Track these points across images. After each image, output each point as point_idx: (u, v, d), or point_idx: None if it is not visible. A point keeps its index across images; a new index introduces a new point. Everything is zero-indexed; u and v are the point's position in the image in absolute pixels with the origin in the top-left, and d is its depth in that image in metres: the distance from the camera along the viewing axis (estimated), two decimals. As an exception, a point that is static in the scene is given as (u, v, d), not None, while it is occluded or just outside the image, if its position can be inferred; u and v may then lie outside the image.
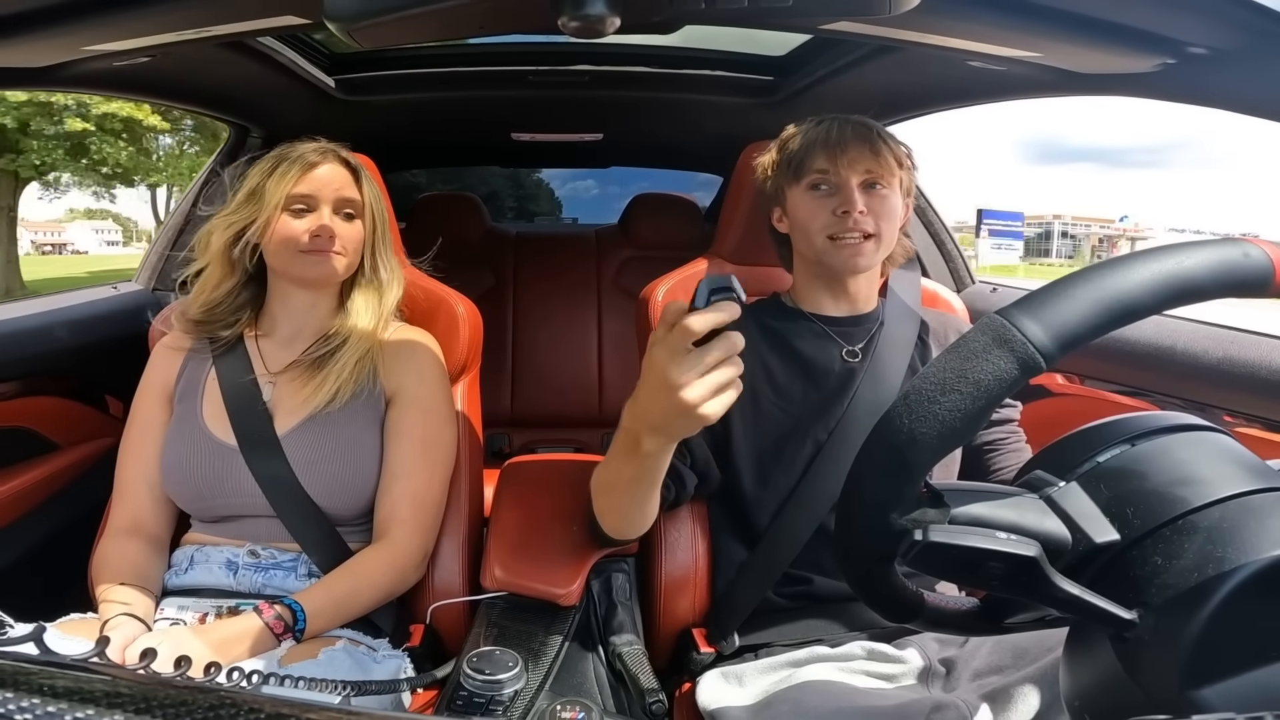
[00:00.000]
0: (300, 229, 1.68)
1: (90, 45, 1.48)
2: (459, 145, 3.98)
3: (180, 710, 0.59)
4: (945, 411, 0.72)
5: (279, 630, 1.48)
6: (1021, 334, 0.71)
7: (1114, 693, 0.73)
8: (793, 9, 0.86)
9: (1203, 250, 0.74)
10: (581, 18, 0.83)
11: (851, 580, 0.87)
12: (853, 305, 1.75)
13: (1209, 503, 0.72)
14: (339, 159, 1.75)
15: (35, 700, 0.59)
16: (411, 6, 0.84)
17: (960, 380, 0.72)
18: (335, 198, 1.71)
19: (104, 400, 2.51)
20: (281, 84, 2.58)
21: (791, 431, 1.66)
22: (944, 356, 0.75)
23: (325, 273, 1.71)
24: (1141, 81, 1.40)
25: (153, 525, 1.73)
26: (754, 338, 1.62)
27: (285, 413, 1.72)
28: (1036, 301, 0.73)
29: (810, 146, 1.64)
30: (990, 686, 1.26)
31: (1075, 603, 0.73)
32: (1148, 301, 0.72)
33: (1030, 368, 0.71)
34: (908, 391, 0.75)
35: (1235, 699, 0.65)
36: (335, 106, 2.90)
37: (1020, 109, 18.61)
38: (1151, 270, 0.72)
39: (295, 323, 1.79)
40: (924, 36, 1.38)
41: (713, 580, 1.77)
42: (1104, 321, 0.72)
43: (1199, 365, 1.82)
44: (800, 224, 1.68)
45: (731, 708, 1.47)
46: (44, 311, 2.39)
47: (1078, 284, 0.73)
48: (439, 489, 1.77)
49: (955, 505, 0.75)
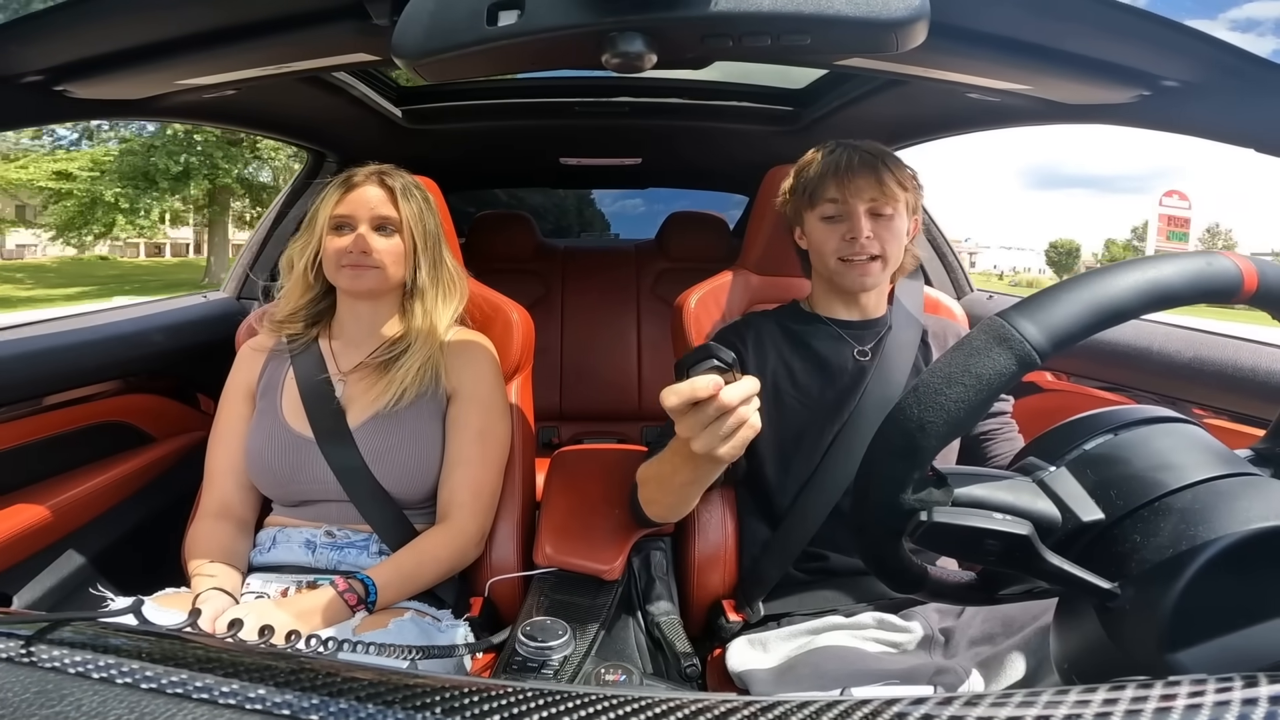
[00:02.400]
0: (340, 245, 1.69)
1: (182, 80, 1.49)
2: (513, 169, 3.99)
3: (264, 674, 0.59)
4: (951, 402, 0.75)
5: (353, 602, 1.49)
6: (1019, 334, 0.74)
7: (1098, 656, 0.76)
8: (811, 47, 0.86)
9: (1180, 261, 0.76)
10: (622, 55, 0.84)
11: (864, 554, 0.89)
12: (863, 311, 1.79)
13: (1183, 486, 0.75)
14: (378, 179, 1.75)
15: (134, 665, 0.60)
16: (470, 45, 0.85)
17: (964, 374, 0.75)
18: (371, 215, 1.71)
19: (195, 397, 2.54)
20: (354, 114, 2.60)
21: (809, 423, 1.70)
22: (950, 354, 0.77)
23: (365, 284, 1.72)
24: (1121, 111, 1.42)
25: (239, 509, 1.75)
26: (776, 339, 1.72)
27: (356, 408, 1.73)
28: (1033, 305, 0.76)
29: (822, 177, 1.67)
30: (984, 654, 1.30)
31: (1063, 576, 0.75)
32: (1131, 306, 0.75)
33: (1027, 364, 0.74)
34: (917, 384, 0.77)
35: (1208, 662, 0.68)
36: (402, 134, 2.91)
37: (1023, 139, 18.40)
38: (1134, 278, 0.75)
39: (361, 328, 1.80)
40: (928, 71, 1.39)
41: (740, 557, 1.80)
42: (1092, 323, 0.74)
43: (1173, 364, 1.87)
44: (815, 246, 1.72)
45: (757, 670, 1.50)
46: (142, 317, 2.42)
47: (1070, 289, 0.76)
48: (495, 476, 1.78)
49: (957, 486, 0.78)
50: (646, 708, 0.53)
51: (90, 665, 0.60)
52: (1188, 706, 0.49)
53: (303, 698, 0.55)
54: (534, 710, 0.53)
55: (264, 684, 0.57)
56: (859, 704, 0.52)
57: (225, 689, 0.56)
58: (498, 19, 0.83)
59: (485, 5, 0.83)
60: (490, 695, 0.55)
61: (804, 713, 0.51)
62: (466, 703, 0.54)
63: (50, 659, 0.61)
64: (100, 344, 2.20)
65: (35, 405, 1.95)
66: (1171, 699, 0.50)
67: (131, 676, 0.58)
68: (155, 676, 0.58)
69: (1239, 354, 1.74)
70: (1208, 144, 1.38)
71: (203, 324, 2.66)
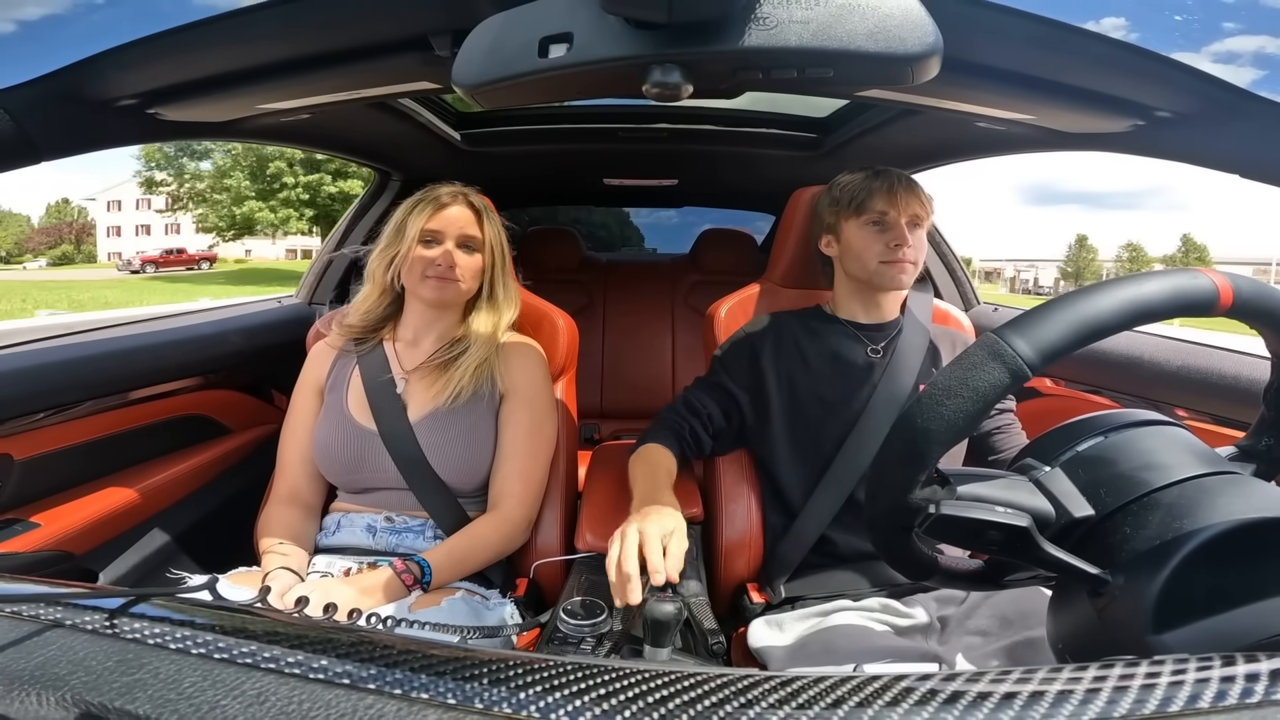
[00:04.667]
0: (429, 257, 1.70)
1: (263, 104, 1.51)
2: (560, 188, 4.00)
3: (327, 647, 0.59)
4: (951, 412, 0.77)
5: (409, 582, 1.50)
6: (1012, 349, 0.76)
7: (1090, 637, 0.78)
8: (833, 79, 0.87)
9: (1160, 279, 0.78)
10: (661, 85, 0.84)
11: (877, 546, 0.91)
12: (880, 314, 1.83)
13: (1169, 483, 0.78)
14: (466, 201, 1.76)
15: (209, 637, 0.60)
16: (523, 76, 0.86)
17: (963, 387, 0.77)
18: (459, 234, 1.72)
19: (269, 393, 2.56)
20: (417, 137, 2.61)
21: (825, 415, 1.74)
22: (950, 367, 0.80)
23: (447, 296, 1.73)
24: (1117, 140, 1.42)
25: (307, 495, 1.77)
26: (797, 334, 1.77)
27: (416, 404, 1.73)
28: (1024, 322, 0.77)
29: (873, 190, 1.72)
30: (973, 649, 1.35)
31: (1059, 564, 0.78)
32: (1114, 322, 0.76)
33: (1019, 377, 0.76)
34: (921, 396, 0.80)
35: (1191, 643, 0.70)
36: (460, 156, 2.92)
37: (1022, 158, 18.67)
38: (1117, 296, 0.76)
39: (426, 332, 1.81)
40: (940, 101, 1.41)
41: (764, 543, 1.82)
42: (1079, 339, 0.76)
43: (1162, 371, 1.89)
44: (854, 251, 1.75)
45: (774, 647, 1.55)
46: (220, 320, 2.46)
47: (1058, 308, 0.77)
48: (541, 468, 1.78)
49: (960, 486, 0.81)
50: (676, 680, 0.53)
51: (168, 637, 0.60)
52: (1170, 684, 0.51)
53: (361, 668, 0.56)
54: (573, 682, 0.54)
55: (326, 655, 0.57)
56: (870, 679, 0.53)
57: (291, 659, 0.57)
58: (549, 52, 0.84)
59: (537, 39, 0.84)
60: (534, 668, 0.55)
61: (819, 687, 0.52)
62: (511, 674, 0.54)
63: (131, 631, 0.62)
64: (183, 344, 2.24)
65: (123, 399, 1.98)
66: (1156, 677, 0.52)
67: (205, 648, 0.58)
68: (227, 648, 0.58)
69: (1222, 362, 1.76)
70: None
71: (276, 326, 2.69)
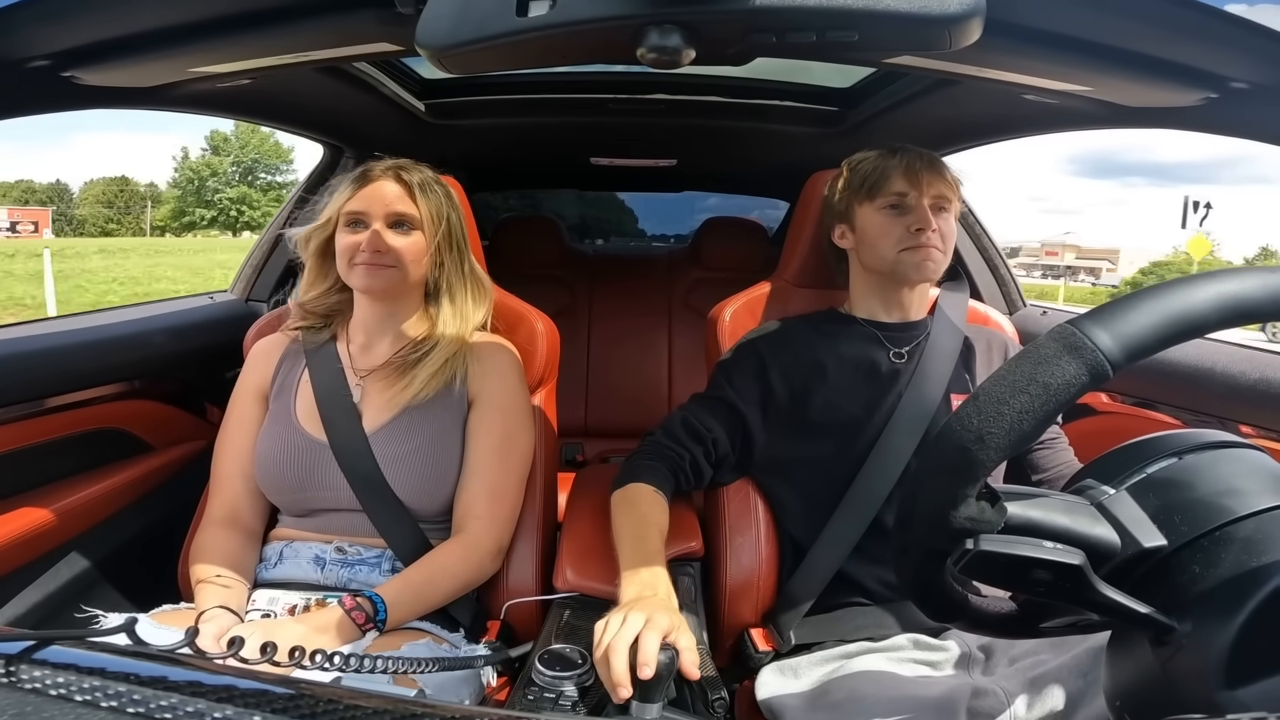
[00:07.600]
0: (354, 241, 1.69)
1: (195, 68, 1.50)
2: (541, 168, 4.00)
3: (260, 700, 0.58)
4: (1014, 413, 0.73)
5: (361, 621, 1.48)
6: (1092, 342, 0.72)
7: (1152, 693, 0.76)
8: (858, 44, 0.85)
9: (1262, 274, 0.74)
10: (659, 50, 0.83)
11: (903, 577, 0.90)
12: (904, 313, 1.83)
13: (1246, 514, 0.75)
14: (394, 175, 1.74)
15: (122, 688, 0.59)
16: (499, 37, 0.85)
17: (1030, 383, 0.73)
18: (386, 212, 1.70)
19: (198, 404, 2.53)
20: (374, 107, 2.60)
21: (843, 431, 1.72)
22: (1014, 361, 0.76)
23: (379, 284, 1.71)
24: (1186, 115, 1.40)
25: (247, 517, 1.75)
26: (809, 340, 1.76)
27: (373, 411, 1.73)
28: (1107, 313, 0.74)
29: (888, 170, 1.71)
30: (1027, 673, 1.31)
31: (1116, 608, 0.75)
32: (1210, 319, 0.73)
33: (1099, 375, 0.72)
34: (977, 393, 0.77)
35: (1268, 699, 0.67)
36: (425, 129, 2.92)
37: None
38: (1215, 290, 0.73)
39: (380, 329, 1.80)
40: (982, 71, 1.38)
41: (776, 582, 1.80)
42: (1170, 335, 0.72)
43: (1237, 386, 1.83)
44: (870, 239, 1.74)
45: (788, 696, 1.54)
46: (142, 318, 2.44)
47: (1147, 299, 0.74)
48: (515, 486, 1.77)
49: (1011, 506, 0.77)
50: None
51: (74, 687, 0.59)
52: None
53: None
54: None
55: (260, 711, 0.56)
56: None
57: (218, 715, 0.56)
58: (528, 9, 0.83)
59: None
60: None
61: None
62: None
63: (32, 680, 0.61)
64: (98, 345, 2.20)
65: (27, 409, 1.94)
66: None
67: (117, 700, 0.58)
68: (143, 700, 0.58)
69: None
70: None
71: (208, 326, 2.68)
